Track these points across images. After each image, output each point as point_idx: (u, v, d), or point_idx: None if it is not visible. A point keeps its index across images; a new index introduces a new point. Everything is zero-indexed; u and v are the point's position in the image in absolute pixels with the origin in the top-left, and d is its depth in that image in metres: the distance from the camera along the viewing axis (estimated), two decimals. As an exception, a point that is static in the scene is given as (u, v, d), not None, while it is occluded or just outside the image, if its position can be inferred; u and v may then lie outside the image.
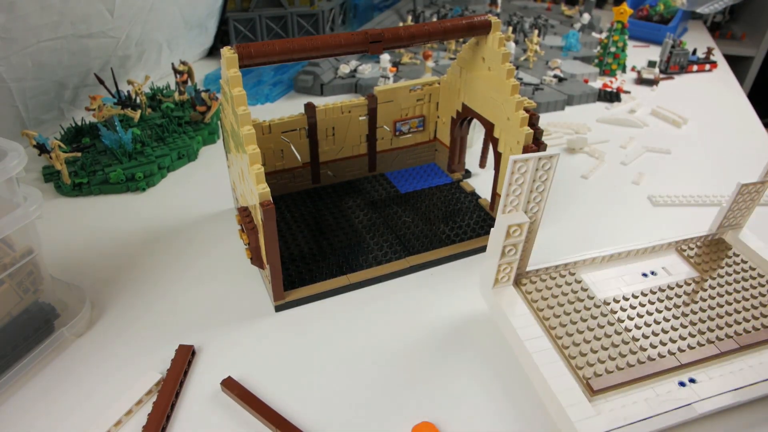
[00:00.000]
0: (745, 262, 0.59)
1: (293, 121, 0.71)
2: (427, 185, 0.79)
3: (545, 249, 0.63)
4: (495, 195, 0.71)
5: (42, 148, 0.78)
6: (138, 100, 0.94)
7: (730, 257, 0.60)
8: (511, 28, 1.39)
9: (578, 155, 0.92)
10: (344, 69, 1.16)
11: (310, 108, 0.70)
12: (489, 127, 0.67)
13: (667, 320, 0.52)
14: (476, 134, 0.92)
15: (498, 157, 0.67)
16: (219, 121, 0.87)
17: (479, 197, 0.76)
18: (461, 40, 1.31)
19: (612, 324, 0.52)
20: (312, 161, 0.75)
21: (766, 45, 1.85)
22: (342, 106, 0.73)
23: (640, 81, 1.22)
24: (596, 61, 1.26)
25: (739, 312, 0.54)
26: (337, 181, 0.79)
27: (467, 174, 0.82)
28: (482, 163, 0.82)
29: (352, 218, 0.71)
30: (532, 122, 0.61)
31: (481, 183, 0.80)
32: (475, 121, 0.73)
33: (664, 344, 0.50)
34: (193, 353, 0.54)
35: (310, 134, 0.73)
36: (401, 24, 1.32)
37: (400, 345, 0.55)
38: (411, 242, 0.67)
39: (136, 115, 0.88)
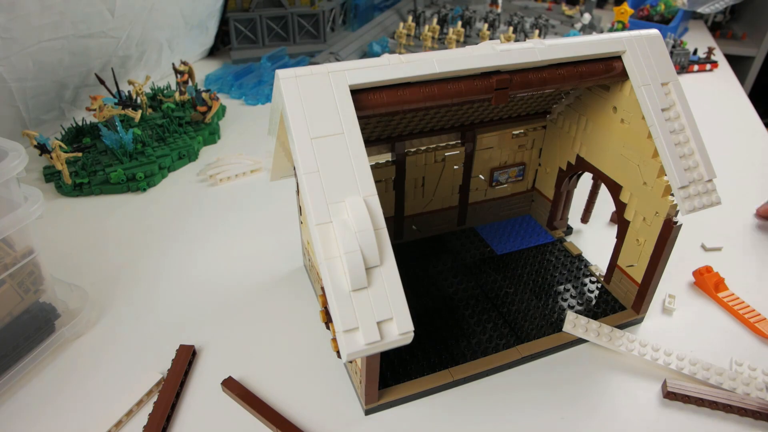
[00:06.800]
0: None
1: (378, 171, 0.61)
2: (525, 245, 0.68)
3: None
4: (614, 266, 0.61)
5: (43, 149, 0.78)
6: (139, 100, 0.94)
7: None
8: (511, 28, 1.38)
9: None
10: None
11: (399, 157, 0.61)
12: (614, 189, 0.58)
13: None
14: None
15: (624, 225, 0.57)
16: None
17: (588, 263, 0.66)
18: (461, 40, 1.32)
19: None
20: (396, 215, 0.66)
21: (767, 45, 1.85)
22: (436, 154, 0.63)
23: (641, 81, 1.22)
24: (597, 61, 1.26)
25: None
26: (422, 236, 0.69)
27: (569, 230, 0.72)
28: (585, 218, 0.70)
29: (445, 287, 0.61)
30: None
31: (585, 243, 0.69)
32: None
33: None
34: (194, 353, 0.54)
35: (396, 186, 0.63)
36: (402, 24, 1.32)
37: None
38: (519, 323, 0.57)
39: (137, 115, 0.88)
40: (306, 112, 0.40)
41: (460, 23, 1.34)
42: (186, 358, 0.52)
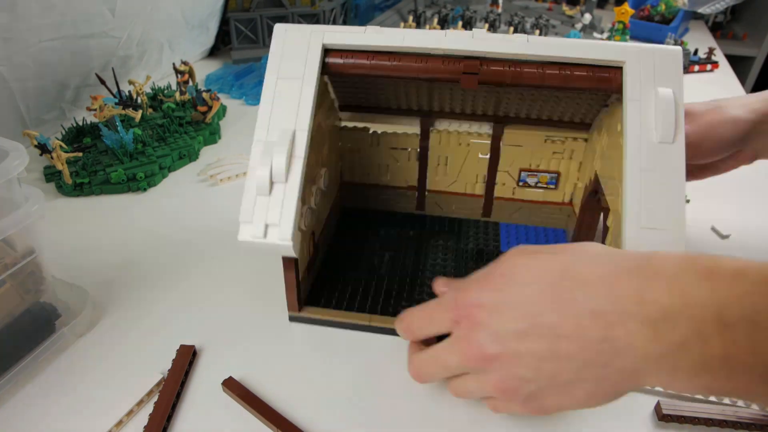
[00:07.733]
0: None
1: (405, 138, 0.65)
2: None
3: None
4: None
5: (43, 148, 0.78)
6: (139, 100, 0.94)
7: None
8: (512, 29, 1.39)
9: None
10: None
11: (424, 131, 0.64)
12: (604, 211, 0.53)
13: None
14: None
15: None
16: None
17: None
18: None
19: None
20: (419, 186, 0.69)
21: (768, 45, 1.85)
22: (460, 137, 0.65)
23: (642, 81, 1.22)
24: (597, 61, 1.26)
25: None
26: (444, 214, 0.71)
27: None
28: None
29: (435, 262, 0.64)
30: None
31: None
32: None
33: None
34: (195, 353, 0.54)
35: (420, 158, 0.67)
36: (402, 24, 1.32)
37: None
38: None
39: (138, 115, 0.88)
40: (283, 56, 0.50)
41: (460, 23, 1.34)
42: (186, 358, 0.52)
